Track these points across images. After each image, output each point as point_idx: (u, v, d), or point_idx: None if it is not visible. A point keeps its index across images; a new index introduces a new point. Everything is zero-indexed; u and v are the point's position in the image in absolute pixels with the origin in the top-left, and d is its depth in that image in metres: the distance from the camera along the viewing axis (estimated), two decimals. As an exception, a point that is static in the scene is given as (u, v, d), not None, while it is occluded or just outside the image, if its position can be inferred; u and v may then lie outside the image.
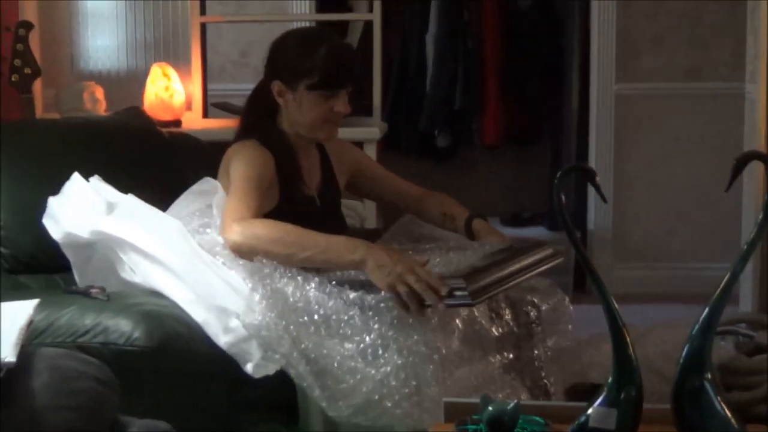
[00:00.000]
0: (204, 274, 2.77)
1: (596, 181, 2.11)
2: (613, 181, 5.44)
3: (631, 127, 5.47)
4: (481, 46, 5.80)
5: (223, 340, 2.69)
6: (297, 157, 3.10)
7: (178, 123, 4.75)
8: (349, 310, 2.70)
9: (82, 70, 5.22)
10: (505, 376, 2.83)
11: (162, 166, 3.42)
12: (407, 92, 5.86)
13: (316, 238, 2.81)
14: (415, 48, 5.85)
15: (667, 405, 2.06)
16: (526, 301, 3.05)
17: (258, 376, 2.65)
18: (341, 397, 2.62)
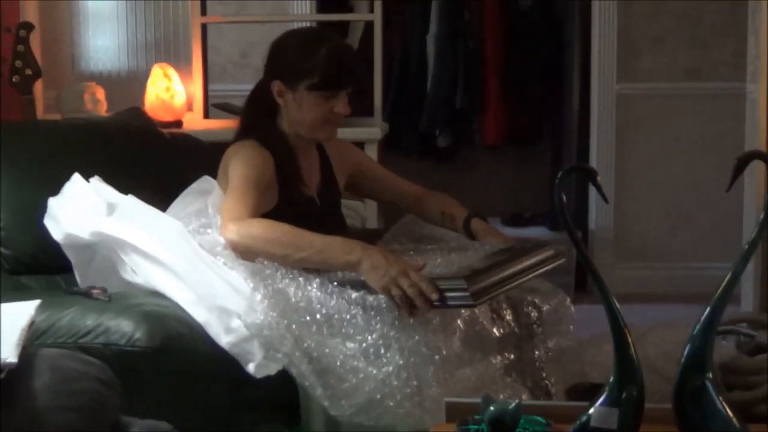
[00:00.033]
0: (205, 274, 2.77)
1: (597, 181, 2.10)
2: (614, 181, 5.44)
3: (632, 127, 5.47)
4: (482, 46, 5.80)
5: (224, 340, 2.69)
6: (297, 157, 3.10)
7: (179, 124, 4.75)
8: (351, 310, 2.70)
9: (83, 71, 5.22)
10: (506, 376, 2.83)
11: (163, 166, 3.42)
12: (408, 92, 5.86)
13: (313, 238, 2.81)
14: (415, 48, 5.84)
15: (668, 405, 2.06)
16: (527, 302, 3.05)
17: (260, 376, 2.65)
18: (343, 397, 2.62)
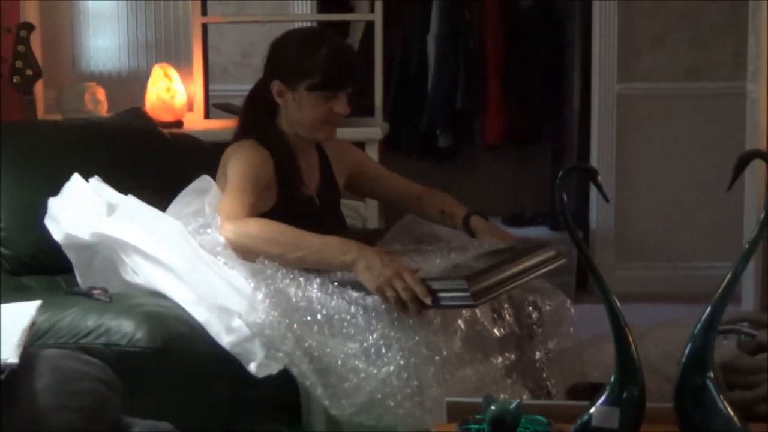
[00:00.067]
0: (205, 274, 2.77)
1: (598, 181, 2.10)
2: (615, 181, 5.44)
3: (633, 127, 5.47)
4: (483, 46, 5.80)
5: (225, 339, 2.69)
6: (296, 157, 3.10)
7: (179, 124, 4.75)
8: (352, 310, 2.70)
9: (84, 71, 5.22)
10: (507, 377, 2.83)
11: (164, 167, 3.42)
12: (409, 92, 5.86)
13: (309, 238, 2.81)
14: (416, 48, 5.84)
15: (669, 404, 2.06)
16: (528, 302, 3.05)
17: (261, 375, 2.65)
18: (344, 396, 2.62)
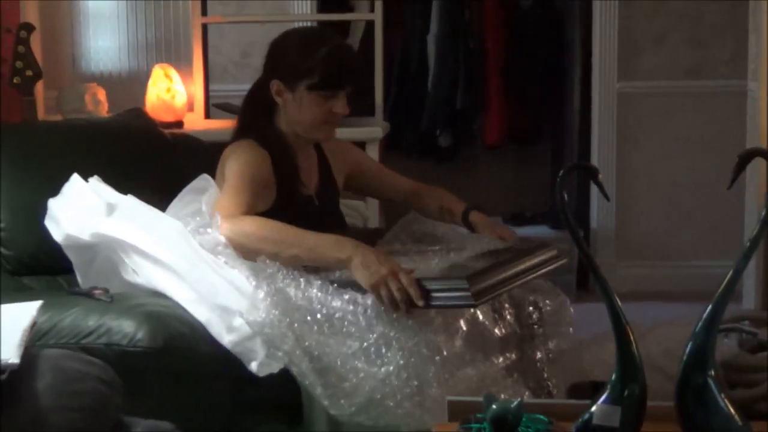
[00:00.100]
0: (205, 273, 2.77)
1: (599, 180, 2.10)
2: (616, 180, 5.44)
3: (633, 126, 5.47)
4: (483, 46, 5.79)
5: (226, 339, 2.69)
6: (295, 156, 3.10)
7: (180, 124, 4.75)
8: (352, 310, 2.70)
9: (84, 72, 5.22)
10: (508, 377, 2.83)
11: (164, 167, 3.42)
12: (409, 92, 5.85)
13: (305, 235, 2.82)
14: (416, 48, 5.84)
15: (670, 402, 2.06)
16: (529, 302, 3.05)
17: (262, 374, 2.65)
18: (343, 396, 2.61)
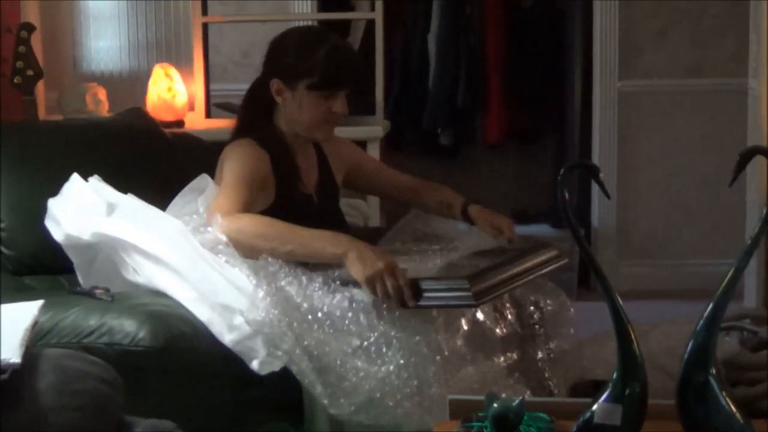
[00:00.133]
0: (206, 272, 2.77)
1: (600, 178, 2.10)
2: (617, 178, 5.43)
3: (634, 124, 5.46)
4: (483, 44, 5.80)
5: (228, 338, 2.69)
6: (294, 155, 3.10)
7: (180, 123, 4.75)
8: (353, 308, 2.70)
9: (85, 72, 5.22)
10: (509, 376, 2.83)
11: (165, 166, 3.42)
12: (410, 91, 5.86)
13: (300, 232, 2.82)
14: (417, 46, 5.84)
15: (671, 401, 2.06)
16: (530, 302, 3.05)
17: (264, 372, 2.65)
18: (343, 395, 2.61)
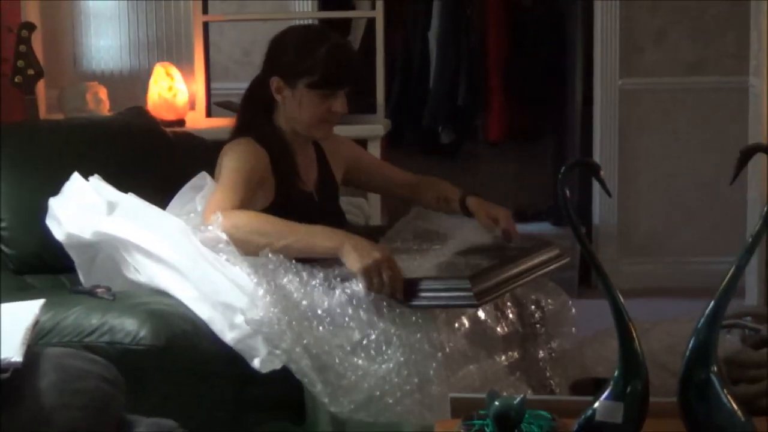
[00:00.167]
0: (207, 271, 2.77)
1: (601, 176, 2.10)
2: (618, 176, 5.43)
3: (635, 122, 5.46)
4: (484, 43, 5.80)
5: (229, 336, 2.69)
6: (294, 153, 3.10)
7: (181, 122, 4.75)
8: (353, 306, 2.70)
9: (85, 71, 5.22)
10: (510, 375, 2.83)
11: (166, 165, 3.41)
12: (410, 89, 5.86)
13: (295, 227, 2.83)
14: (418, 45, 5.84)
15: (673, 398, 2.06)
16: (532, 301, 3.05)
17: (265, 371, 2.65)
18: (343, 393, 2.61)
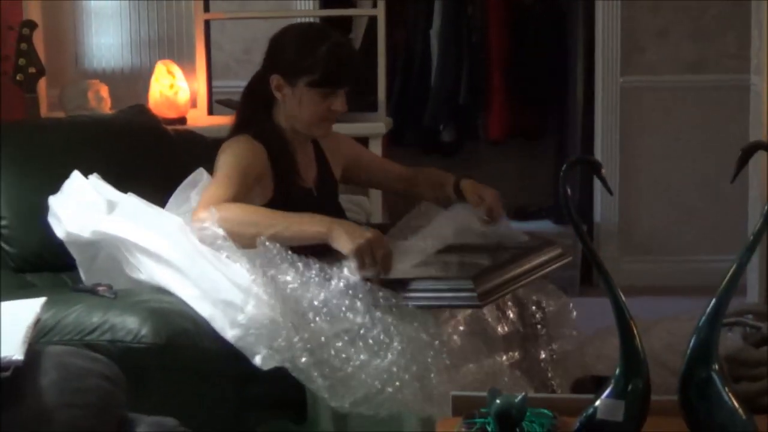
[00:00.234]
0: (206, 269, 2.77)
1: (602, 174, 2.10)
2: (619, 174, 5.43)
3: (636, 121, 5.46)
4: (485, 41, 5.79)
5: (230, 334, 2.69)
6: (293, 151, 3.11)
7: (183, 120, 4.75)
8: (350, 296, 2.70)
9: (87, 69, 5.22)
10: (512, 374, 2.82)
11: (167, 163, 3.41)
12: (412, 87, 5.85)
13: (283, 215, 2.85)
14: (419, 43, 5.84)
15: (674, 397, 2.06)
16: (533, 302, 3.06)
17: (266, 368, 2.64)
18: (342, 387, 2.61)
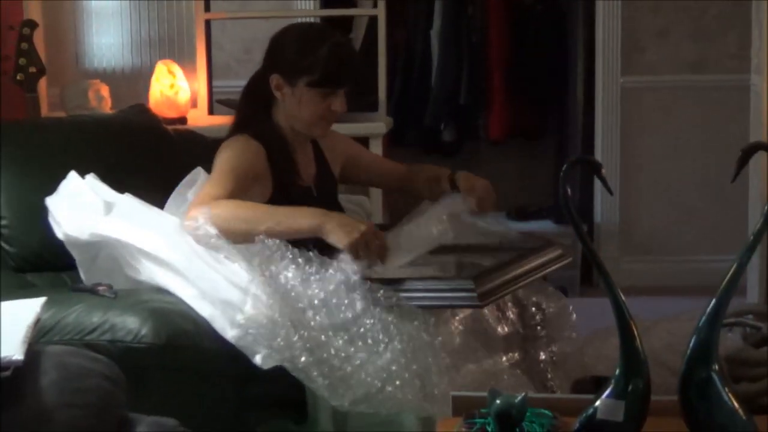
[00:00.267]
0: (204, 269, 2.77)
1: (602, 174, 2.10)
2: (619, 174, 5.43)
3: (637, 121, 5.46)
4: (486, 41, 5.79)
5: (230, 333, 2.69)
6: (293, 150, 3.11)
7: (183, 120, 4.75)
8: (349, 296, 2.70)
9: (87, 68, 5.22)
10: (512, 374, 2.82)
11: (167, 163, 3.41)
12: (412, 87, 5.85)
13: (275, 210, 2.85)
14: (419, 43, 5.84)
15: (674, 397, 2.06)
16: (532, 303, 3.06)
17: (266, 367, 2.64)
18: (342, 386, 2.61)
